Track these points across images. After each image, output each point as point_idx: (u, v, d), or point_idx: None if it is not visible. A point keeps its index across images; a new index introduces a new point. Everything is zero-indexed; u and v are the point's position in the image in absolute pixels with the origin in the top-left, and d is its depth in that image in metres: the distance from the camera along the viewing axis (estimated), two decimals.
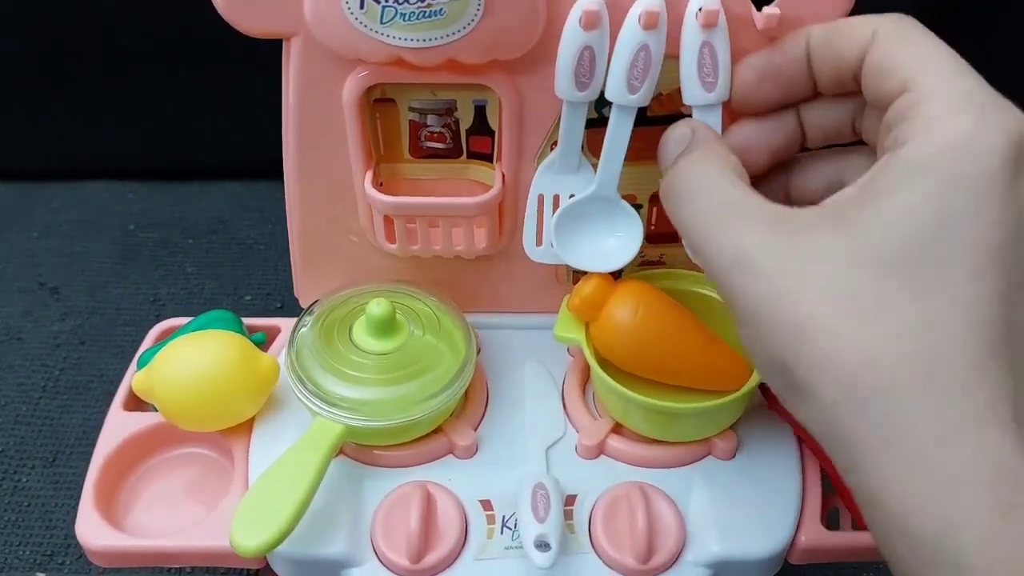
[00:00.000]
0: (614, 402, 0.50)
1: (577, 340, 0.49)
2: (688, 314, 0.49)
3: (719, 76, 0.45)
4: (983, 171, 0.32)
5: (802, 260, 0.34)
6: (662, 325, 0.48)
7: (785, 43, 0.43)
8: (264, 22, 0.46)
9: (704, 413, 0.48)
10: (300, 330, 0.50)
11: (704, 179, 0.39)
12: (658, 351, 0.48)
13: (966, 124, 0.33)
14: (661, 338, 0.48)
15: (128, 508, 0.49)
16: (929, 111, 0.34)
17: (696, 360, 0.48)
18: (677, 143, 0.42)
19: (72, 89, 0.87)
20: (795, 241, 0.34)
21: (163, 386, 0.47)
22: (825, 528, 0.48)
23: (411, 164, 0.52)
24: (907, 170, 0.33)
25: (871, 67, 0.38)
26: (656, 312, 0.48)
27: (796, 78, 0.42)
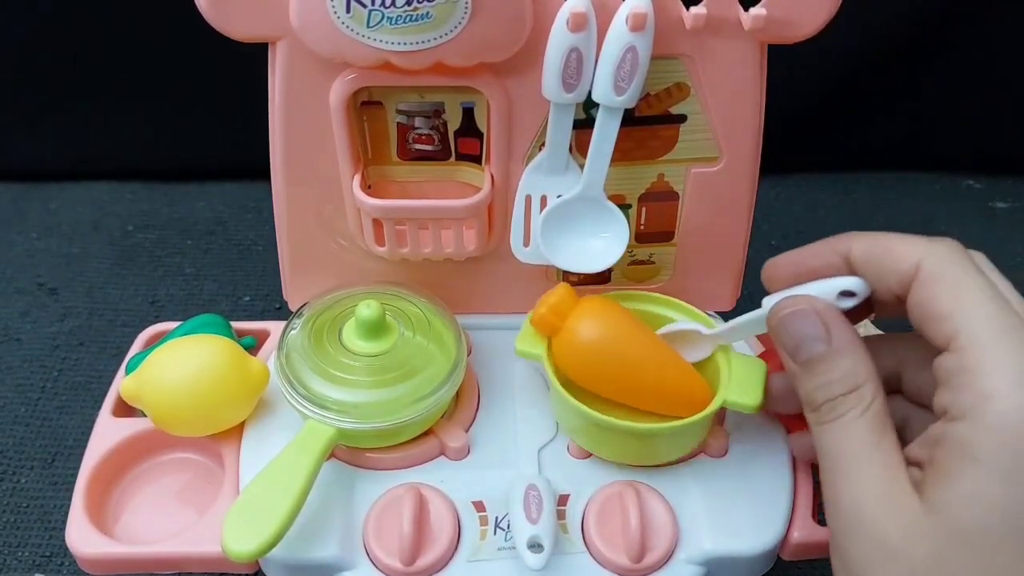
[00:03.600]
0: (567, 417, 0.49)
1: (538, 356, 0.49)
2: (652, 335, 0.49)
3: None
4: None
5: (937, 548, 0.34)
6: (624, 344, 0.48)
7: (820, 249, 0.42)
8: (249, 26, 0.46)
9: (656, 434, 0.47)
10: (289, 333, 0.50)
11: (866, 451, 0.37)
12: (619, 370, 0.48)
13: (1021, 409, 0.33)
14: (622, 357, 0.48)
15: (118, 514, 0.49)
16: (982, 386, 0.34)
17: (657, 381, 0.48)
18: (843, 382, 0.38)
19: (70, 90, 0.87)
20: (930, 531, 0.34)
21: (152, 391, 0.47)
22: (817, 524, 0.48)
23: (399, 166, 0.52)
24: (967, 456, 0.33)
25: (915, 305, 0.37)
26: (619, 331, 0.48)
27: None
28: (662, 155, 0.51)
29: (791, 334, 0.40)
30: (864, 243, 0.40)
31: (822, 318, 0.39)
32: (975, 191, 0.93)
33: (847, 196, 0.92)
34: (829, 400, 0.38)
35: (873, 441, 0.36)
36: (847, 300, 0.40)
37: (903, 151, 0.93)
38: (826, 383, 0.38)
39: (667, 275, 0.56)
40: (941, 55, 0.86)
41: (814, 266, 0.42)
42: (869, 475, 0.36)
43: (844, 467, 0.37)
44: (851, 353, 0.38)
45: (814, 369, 0.39)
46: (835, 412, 0.37)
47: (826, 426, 0.38)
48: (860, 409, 0.37)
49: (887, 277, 0.38)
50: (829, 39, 0.47)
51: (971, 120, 0.90)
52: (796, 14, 0.46)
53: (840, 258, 0.41)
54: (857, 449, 0.37)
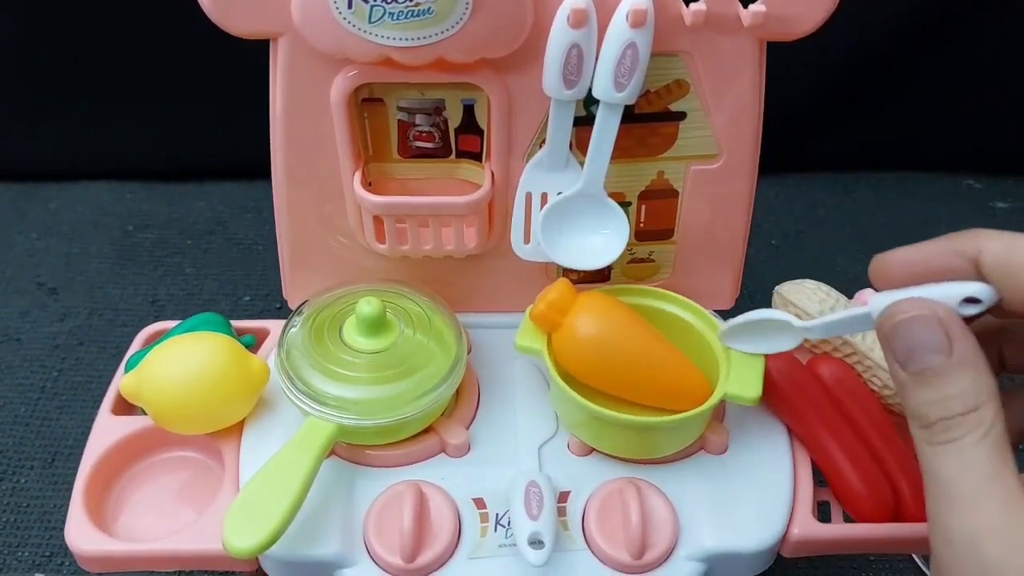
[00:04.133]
0: (568, 411, 0.49)
1: (538, 351, 0.49)
2: (651, 330, 0.49)
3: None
4: None
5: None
6: (624, 339, 0.48)
7: (942, 248, 0.38)
8: (251, 23, 0.46)
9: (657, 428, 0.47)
10: (290, 330, 0.50)
11: (986, 481, 0.33)
12: (618, 364, 0.48)
13: None
14: (622, 351, 0.48)
15: (118, 512, 0.49)
16: None
17: (656, 376, 0.48)
18: (962, 399, 0.34)
19: (71, 90, 0.87)
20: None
21: (152, 389, 0.47)
22: (817, 521, 0.48)
23: (400, 164, 0.52)
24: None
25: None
26: (619, 325, 0.48)
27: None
28: (662, 152, 0.51)
29: (906, 340, 0.35)
30: (998, 246, 0.36)
31: (944, 326, 0.35)
32: (975, 191, 0.93)
33: (847, 196, 0.92)
34: (945, 419, 0.34)
35: (993, 471, 0.33)
36: (971, 307, 0.36)
37: (903, 151, 0.93)
38: (942, 398, 0.34)
39: (667, 273, 0.56)
40: (941, 54, 0.86)
41: (935, 267, 0.37)
42: (989, 509, 0.32)
43: (960, 496, 0.33)
44: (973, 368, 0.34)
45: (930, 382, 0.34)
46: (951, 434, 0.34)
47: (940, 447, 0.34)
48: (980, 433, 0.33)
49: (1020, 290, 0.35)
50: (828, 38, 0.48)
51: (971, 120, 0.90)
52: (795, 11, 0.46)
53: (966, 261, 0.36)
54: (976, 478, 0.33)
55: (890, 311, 0.36)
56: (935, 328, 0.35)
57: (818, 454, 0.49)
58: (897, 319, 0.36)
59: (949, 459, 0.34)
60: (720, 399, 0.47)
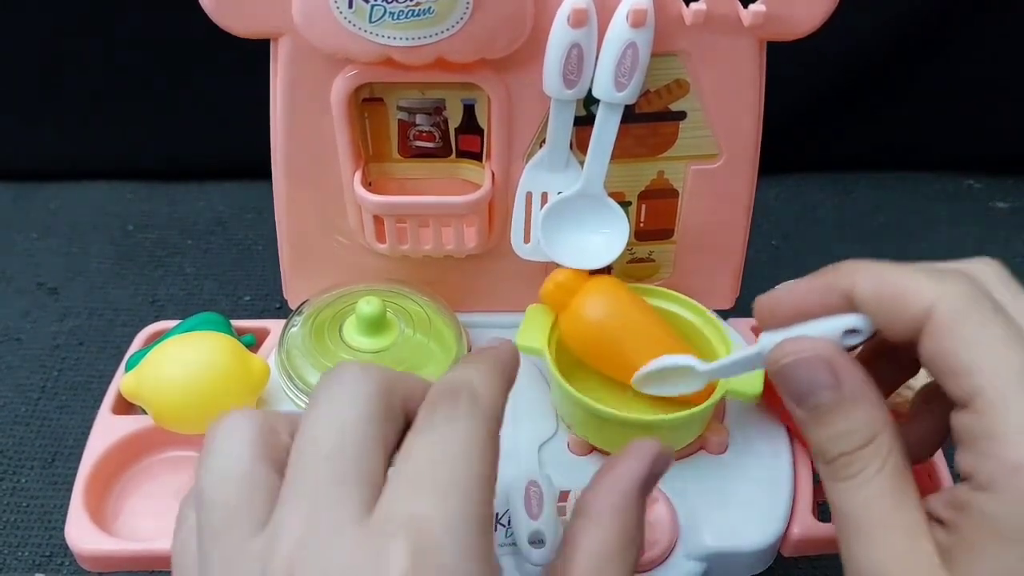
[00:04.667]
0: (569, 409, 0.49)
1: (539, 350, 0.49)
2: (658, 318, 0.49)
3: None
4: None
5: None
6: (631, 322, 0.48)
7: (818, 285, 0.38)
8: (251, 22, 0.46)
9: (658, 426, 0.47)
10: (290, 330, 0.50)
11: (887, 513, 0.34)
12: (624, 348, 0.48)
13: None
14: (628, 334, 0.48)
15: (118, 512, 0.49)
16: (1007, 456, 0.31)
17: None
18: (858, 433, 0.34)
19: (71, 90, 0.87)
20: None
21: (152, 389, 0.47)
22: (817, 520, 0.48)
23: (400, 163, 0.52)
24: (992, 531, 0.31)
25: (930, 357, 0.34)
26: (627, 309, 0.49)
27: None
28: (662, 152, 0.51)
29: (796, 381, 0.36)
30: (869, 281, 0.36)
31: (830, 365, 0.35)
32: (975, 191, 0.93)
33: (847, 196, 0.92)
34: (844, 454, 0.34)
35: (895, 502, 0.33)
36: (852, 337, 0.36)
37: (903, 151, 0.93)
38: (838, 434, 0.35)
39: (667, 273, 0.56)
40: (941, 55, 0.86)
41: (813, 305, 0.37)
42: (892, 541, 0.33)
43: (864, 530, 0.34)
44: (864, 400, 0.35)
45: (823, 419, 0.35)
46: (851, 469, 0.34)
47: (841, 484, 0.35)
48: (877, 465, 0.34)
49: (895, 322, 0.34)
50: (828, 38, 0.48)
51: (971, 120, 0.90)
52: (795, 11, 0.46)
53: (842, 297, 0.36)
54: (877, 512, 0.34)
55: (776, 354, 0.37)
56: (821, 367, 0.35)
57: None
58: (783, 362, 0.36)
59: (852, 494, 0.34)
60: (722, 396, 0.47)
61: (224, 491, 0.31)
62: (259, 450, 0.32)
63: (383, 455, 0.31)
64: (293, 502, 0.30)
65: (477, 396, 0.33)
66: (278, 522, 0.30)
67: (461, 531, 0.29)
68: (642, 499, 0.36)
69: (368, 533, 0.29)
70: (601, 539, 0.34)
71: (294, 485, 0.30)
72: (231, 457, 0.32)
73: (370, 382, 0.32)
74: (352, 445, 0.31)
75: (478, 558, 0.29)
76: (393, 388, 0.33)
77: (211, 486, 0.31)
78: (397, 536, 0.28)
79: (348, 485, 0.30)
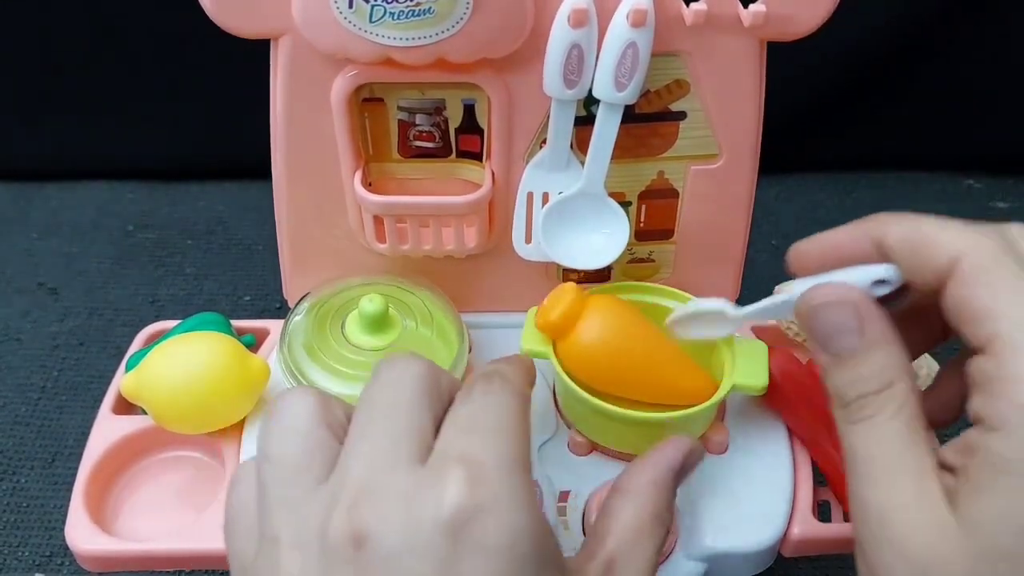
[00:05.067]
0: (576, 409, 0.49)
1: (544, 354, 0.48)
2: (655, 330, 0.49)
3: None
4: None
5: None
6: (629, 342, 0.48)
7: (852, 233, 0.39)
8: (252, 22, 0.46)
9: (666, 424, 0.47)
10: (293, 318, 0.50)
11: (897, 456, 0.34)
12: (625, 367, 0.48)
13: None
14: (628, 355, 0.48)
15: (118, 512, 0.49)
16: (1020, 397, 0.31)
17: (662, 378, 0.48)
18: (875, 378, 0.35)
19: (71, 90, 0.87)
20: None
21: (152, 388, 0.47)
22: (817, 520, 0.48)
23: (400, 163, 0.52)
24: (1001, 470, 0.31)
25: (952, 303, 0.34)
26: (623, 330, 0.48)
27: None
28: (662, 152, 0.51)
29: (823, 324, 0.37)
30: (901, 230, 0.37)
31: (857, 309, 0.36)
32: (975, 191, 0.93)
33: (847, 196, 0.92)
34: (860, 397, 0.35)
35: (905, 445, 0.34)
36: (881, 288, 0.37)
37: (903, 151, 0.93)
38: (857, 378, 0.36)
39: (667, 273, 0.56)
40: (941, 55, 0.86)
41: (846, 252, 0.39)
42: (900, 482, 0.34)
43: (873, 471, 0.35)
44: (884, 348, 0.36)
45: (845, 363, 0.36)
46: (866, 411, 0.35)
47: (856, 426, 0.36)
48: (892, 409, 0.35)
49: (923, 269, 0.36)
50: (829, 38, 0.48)
51: (971, 120, 0.90)
52: (795, 11, 0.46)
53: (874, 244, 0.38)
54: (888, 453, 0.34)
55: (806, 297, 0.38)
56: (848, 311, 0.36)
57: (818, 453, 0.49)
58: (813, 303, 0.37)
59: (865, 436, 0.35)
60: (729, 391, 0.47)
61: (290, 447, 0.34)
62: (320, 416, 0.35)
63: (432, 419, 0.35)
64: (355, 450, 0.34)
65: (508, 379, 0.37)
66: (342, 467, 0.33)
67: (508, 464, 0.33)
68: (675, 485, 0.40)
69: (425, 470, 0.32)
70: (635, 513, 0.38)
71: (354, 439, 0.34)
72: (296, 418, 0.35)
73: (420, 364, 0.37)
74: (406, 403, 0.35)
75: (523, 487, 0.32)
76: (439, 372, 0.37)
77: (277, 443, 0.35)
78: (452, 469, 0.32)
79: (404, 435, 0.34)
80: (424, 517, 0.31)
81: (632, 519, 0.38)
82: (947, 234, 0.35)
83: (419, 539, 0.31)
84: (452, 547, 0.30)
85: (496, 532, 0.31)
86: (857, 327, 0.36)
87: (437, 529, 0.31)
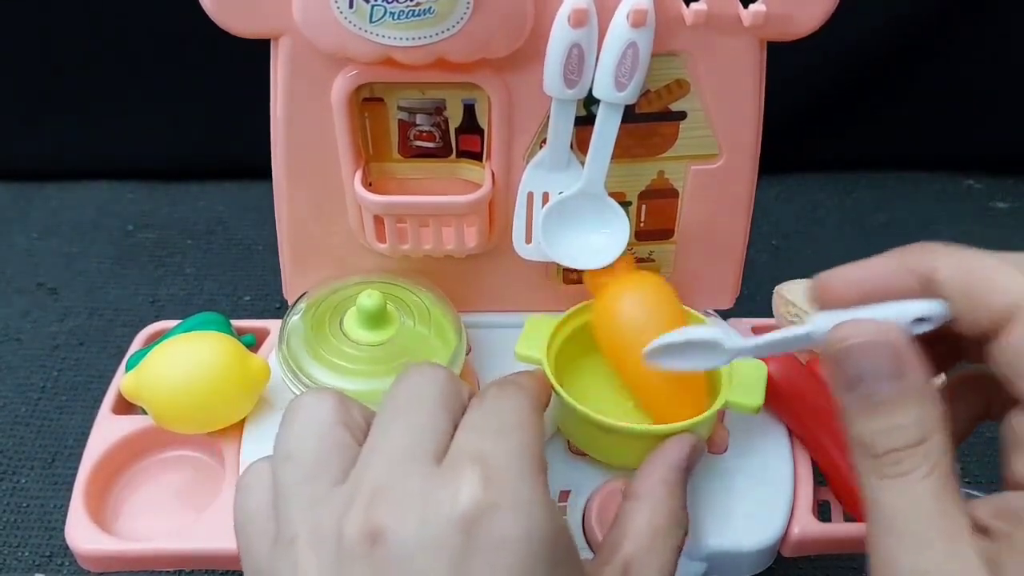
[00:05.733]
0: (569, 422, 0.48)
1: (537, 360, 0.47)
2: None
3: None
4: None
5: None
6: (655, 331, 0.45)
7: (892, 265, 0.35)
8: (252, 22, 0.46)
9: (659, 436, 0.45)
10: (291, 318, 0.50)
11: (933, 517, 0.32)
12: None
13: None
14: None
15: (118, 512, 0.49)
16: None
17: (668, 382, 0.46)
18: (911, 430, 0.32)
19: (71, 90, 0.87)
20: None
21: (152, 388, 0.47)
22: (817, 520, 0.48)
23: (400, 163, 0.52)
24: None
25: (1005, 352, 0.32)
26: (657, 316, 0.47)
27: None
28: (662, 152, 0.51)
29: (856, 366, 0.33)
30: (954, 265, 0.33)
31: (896, 352, 0.33)
32: (975, 191, 0.93)
33: (847, 196, 0.92)
34: (893, 451, 0.32)
35: (941, 507, 0.32)
36: (921, 326, 0.34)
37: (903, 151, 0.93)
38: (891, 428, 0.32)
39: (667, 273, 0.56)
40: (941, 55, 0.86)
41: (884, 285, 0.35)
42: (935, 545, 0.31)
43: (908, 532, 0.32)
44: (923, 398, 0.32)
45: (878, 411, 0.33)
46: (900, 468, 0.32)
47: (886, 481, 0.32)
48: (928, 467, 0.32)
49: (976, 312, 0.33)
50: (829, 38, 0.48)
51: (971, 120, 0.90)
52: (795, 11, 0.46)
53: (918, 279, 0.34)
54: (924, 515, 0.32)
55: (840, 333, 0.34)
56: (887, 354, 0.33)
57: (818, 453, 0.49)
58: (848, 343, 0.34)
59: (898, 493, 0.32)
60: (721, 407, 0.46)
61: (309, 447, 0.35)
62: (339, 417, 0.36)
63: (450, 422, 0.36)
64: (374, 450, 0.34)
65: (522, 385, 0.39)
66: (360, 467, 0.34)
67: (521, 462, 0.34)
68: (684, 481, 0.41)
69: (441, 469, 0.33)
70: (651, 516, 0.39)
71: (374, 439, 0.35)
72: (315, 419, 0.36)
73: (441, 371, 0.38)
74: (426, 406, 0.36)
75: (537, 485, 0.33)
76: (458, 381, 0.38)
77: (296, 443, 0.35)
78: (466, 467, 0.32)
79: (422, 436, 0.34)
80: (439, 514, 0.31)
81: (647, 522, 0.39)
82: (1007, 277, 0.32)
83: (433, 536, 0.31)
84: (466, 544, 0.31)
85: (510, 529, 0.31)
86: (895, 371, 0.33)
87: (451, 526, 0.31)
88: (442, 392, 0.37)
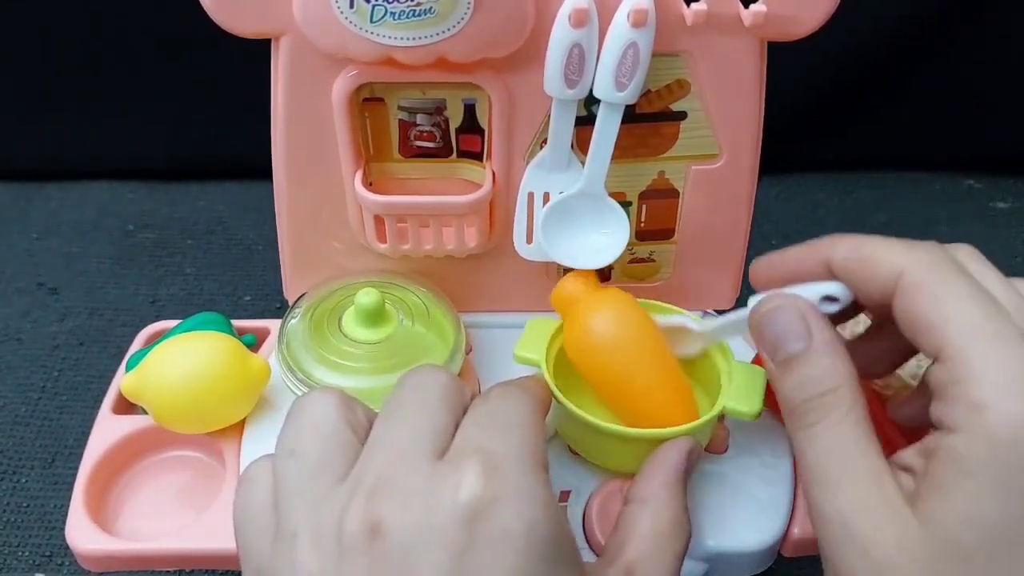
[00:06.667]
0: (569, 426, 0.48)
1: (536, 362, 0.47)
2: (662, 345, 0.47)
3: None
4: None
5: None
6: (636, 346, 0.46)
7: (803, 253, 0.41)
8: (252, 22, 0.46)
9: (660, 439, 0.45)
10: (289, 322, 0.50)
11: (850, 458, 0.35)
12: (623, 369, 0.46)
13: (1015, 416, 0.32)
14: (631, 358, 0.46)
15: (118, 511, 0.49)
16: (972, 397, 0.32)
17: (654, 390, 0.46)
18: (821, 381, 0.37)
19: (71, 90, 0.87)
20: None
21: (153, 388, 0.47)
22: None
23: (401, 163, 0.52)
24: (960, 470, 0.32)
25: (901, 317, 0.36)
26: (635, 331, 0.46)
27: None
28: (662, 152, 0.51)
29: (772, 330, 0.39)
30: (845, 249, 0.39)
31: (803, 315, 0.38)
32: (975, 191, 0.93)
33: (847, 196, 0.92)
34: (806, 400, 0.37)
35: (857, 448, 0.35)
36: (830, 305, 0.39)
37: (903, 151, 0.93)
38: (804, 381, 0.37)
39: (667, 273, 0.56)
40: (942, 55, 0.86)
41: (797, 271, 0.41)
42: (856, 484, 0.35)
43: (828, 475, 0.35)
44: (831, 353, 0.37)
45: (792, 368, 0.38)
46: (814, 415, 0.36)
47: (806, 431, 0.37)
48: (840, 413, 0.36)
49: (867, 286, 0.37)
50: (829, 38, 0.48)
51: (971, 120, 0.90)
52: (796, 11, 0.46)
53: (821, 265, 0.40)
54: (840, 456, 0.35)
55: (756, 306, 0.40)
56: (796, 318, 0.38)
57: None
58: (763, 311, 0.40)
59: (815, 441, 0.36)
60: (719, 413, 0.45)
61: (313, 444, 0.35)
62: (343, 416, 0.36)
63: (453, 421, 0.36)
64: (376, 446, 0.35)
65: (524, 386, 0.40)
66: (362, 463, 0.34)
67: (523, 458, 0.34)
68: (684, 484, 0.41)
69: (442, 464, 0.34)
70: (653, 520, 0.39)
71: (376, 436, 0.36)
72: (319, 417, 0.36)
73: (444, 374, 0.39)
74: (429, 405, 0.36)
75: (539, 482, 0.34)
76: (462, 384, 0.39)
77: (300, 441, 0.36)
78: (468, 461, 0.33)
79: (424, 432, 0.35)
80: (440, 507, 0.32)
81: (650, 526, 0.39)
82: (888, 251, 0.37)
83: (434, 529, 0.31)
84: (467, 537, 0.31)
85: (511, 523, 0.32)
86: (804, 332, 0.38)
87: (452, 519, 0.31)
88: (445, 392, 0.37)
